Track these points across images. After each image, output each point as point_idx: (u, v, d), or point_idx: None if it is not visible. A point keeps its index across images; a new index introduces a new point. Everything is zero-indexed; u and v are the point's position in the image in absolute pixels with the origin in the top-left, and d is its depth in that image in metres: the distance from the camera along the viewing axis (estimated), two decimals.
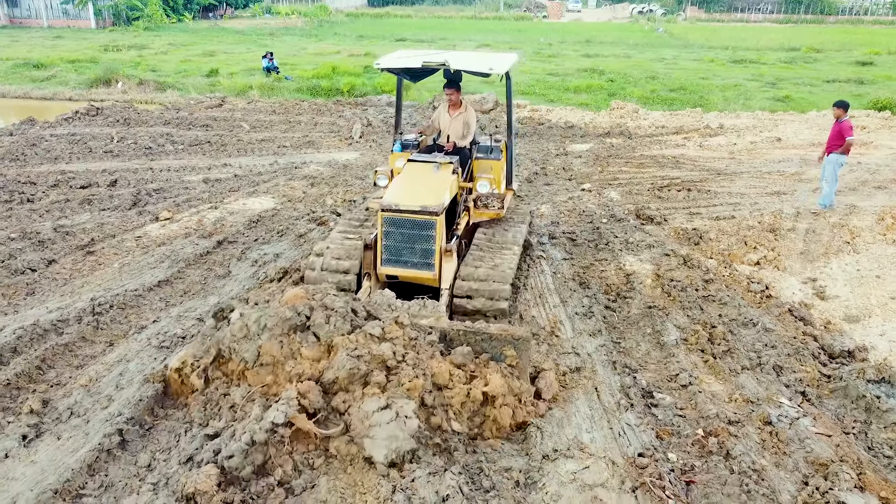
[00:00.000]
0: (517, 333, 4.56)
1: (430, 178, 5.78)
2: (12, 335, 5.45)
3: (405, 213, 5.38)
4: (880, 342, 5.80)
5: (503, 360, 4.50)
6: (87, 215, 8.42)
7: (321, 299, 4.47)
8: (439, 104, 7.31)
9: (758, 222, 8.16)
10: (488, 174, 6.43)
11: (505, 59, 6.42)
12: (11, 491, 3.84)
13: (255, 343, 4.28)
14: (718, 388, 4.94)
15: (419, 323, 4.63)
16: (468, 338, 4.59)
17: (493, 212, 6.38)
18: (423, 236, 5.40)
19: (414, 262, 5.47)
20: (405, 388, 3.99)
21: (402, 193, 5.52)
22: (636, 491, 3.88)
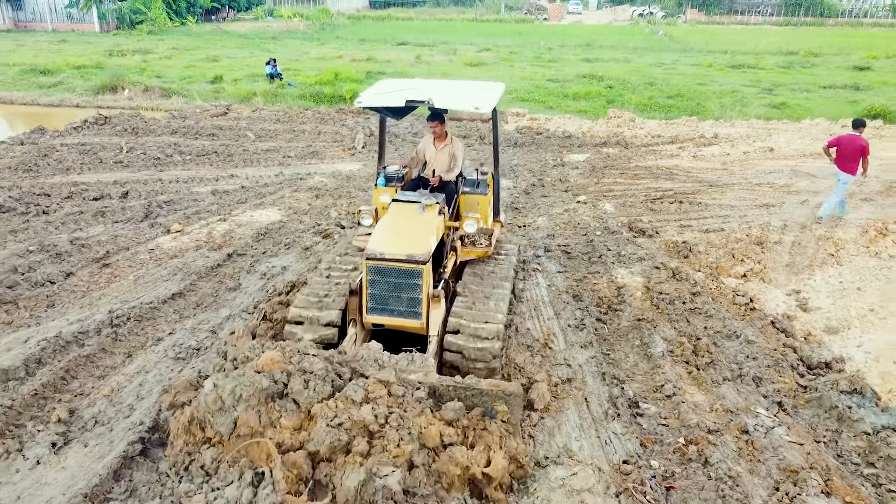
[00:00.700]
0: (508, 389, 4.44)
1: (416, 221, 5.57)
2: (36, 346, 5.79)
3: (391, 262, 5.17)
4: (857, 353, 6.12)
5: (495, 416, 4.37)
6: (101, 227, 8.76)
7: (298, 362, 4.31)
8: (423, 136, 7.11)
9: (746, 235, 8.49)
10: (475, 211, 6.30)
11: (491, 93, 6.22)
12: (45, 495, 4.18)
13: (231, 415, 4.08)
14: (701, 398, 5.27)
15: (407, 378, 4.48)
16: (458, 393, 4.45)
17: (480, 250, 6.21)
18: (410, 285, 5.20)
19: (400, 311, 5.27)
20: (392, 455, 3.84)
21: (387, 240, 5.30)
22: (619, 496, 4.21)
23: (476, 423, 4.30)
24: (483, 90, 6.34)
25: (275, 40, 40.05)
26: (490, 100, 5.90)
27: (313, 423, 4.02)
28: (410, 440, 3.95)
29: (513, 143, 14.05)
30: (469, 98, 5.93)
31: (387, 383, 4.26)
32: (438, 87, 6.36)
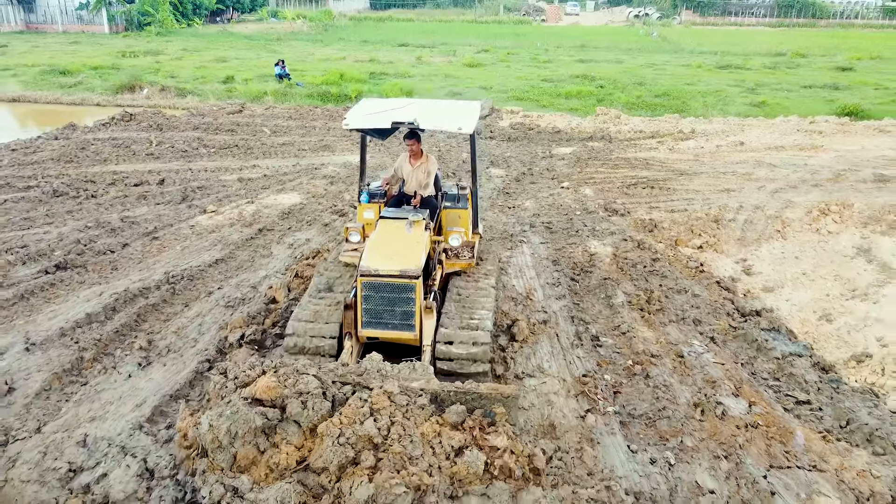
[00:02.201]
0: (506, 392, 4.69)
1: (405, 237, 5.80)
2: (110, 298, 7.11)
3: (385, 278, 5.39)
4: (784, 305, 7.44)
5: (493, 417, 4.61)
6: (145, 208, 10.07)
7: (294, 384, 4.40)
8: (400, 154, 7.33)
9: (705, 214, 9.80)
10: (458, 225, 6.63)
11: (471, 113, 6.51)
12: (140, 396, 5.49)
13: (229, 452, 4.19)
14: (649, 334, 6.57)
15: (410, 386, 4.66)
16: (459, 397, 4.66)
17: (464, 262, 6.46)
18: (404, 299, 5.43)
19: (395, 324, 5.50)
20: (409, 475, 3.99)
21: (379, 257, 5.53)
22: (577, 397, 5.51)
23: (479, 423, 4.50)
24: (464, 110, 6.65)
25: (279, 41, 41.32)
26: (471, 120, 6.21)
27: (319, 440, 4.17)
28: (415, 447, 4.14)
29: (506, 138, 15.36)
30: (452, 119, 6.19)
31: (390, 394, 4.41)
32: (421, 107, 6.51)
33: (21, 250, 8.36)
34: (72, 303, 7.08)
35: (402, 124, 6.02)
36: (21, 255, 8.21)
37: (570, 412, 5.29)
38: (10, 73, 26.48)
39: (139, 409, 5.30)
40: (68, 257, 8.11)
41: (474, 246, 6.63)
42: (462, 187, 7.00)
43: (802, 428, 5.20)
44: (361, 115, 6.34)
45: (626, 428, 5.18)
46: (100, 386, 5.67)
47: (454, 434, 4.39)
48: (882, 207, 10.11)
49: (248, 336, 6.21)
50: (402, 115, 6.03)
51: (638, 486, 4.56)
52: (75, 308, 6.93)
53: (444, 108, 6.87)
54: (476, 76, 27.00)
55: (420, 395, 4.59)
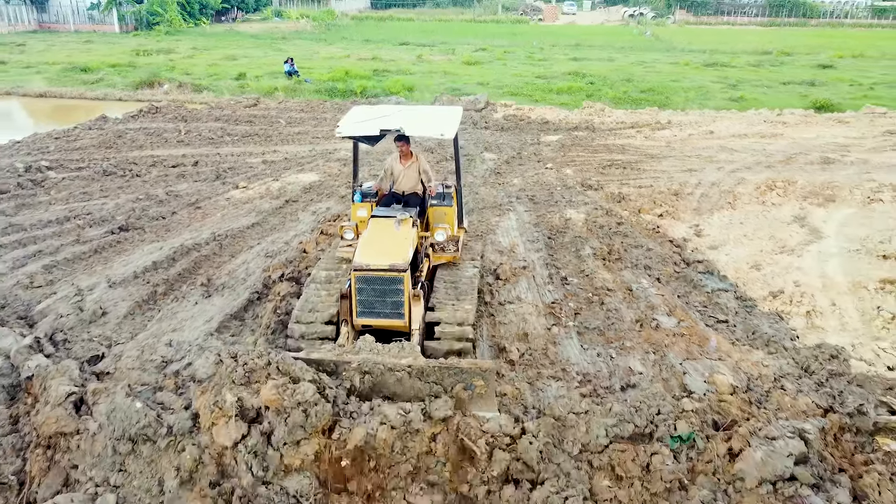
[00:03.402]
0: (485, 366, 5.13)
1: (394, 235, 6.24)
2: (169, 251, 8.71)
3: (375, 272, 5.86)
4: (722, 258, 9.03)
5: (473, 389, 5.09)
6: (185, 185, 11.66)
7: (292, 396, 4.70)
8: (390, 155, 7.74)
9: (667, 189, 11.40)
10: (443, 222, 7.08)
11: (452, 118, 6.97)
12: (207, 315, 7.08)
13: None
14: (608, 276, 8.17)
15: (399, 363, 5.11)
16: (443, 372, 5.10)
17: (449, 255, 6.96)
18: (393, 290, 5.90)
19: (386, 313, 5.97)
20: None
21: (370, 253, 5.99)
22: (546, 316, 7.11)
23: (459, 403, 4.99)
24: (446, 115, 7.13)
25: (285, 40, 42.88)
26: (453, 126, 6.65)
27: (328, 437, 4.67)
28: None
29: (500, 128, 16.96)
30: (435, 125, 6.61)
31: (393, 427, 4.76)
32: (407, 114, 7.06)
33: (87, 217, 9.96)
34: (138, 254, 8.68)
35: (389, 132, 6.46)
36: (88, 220, 9.82)
37: (540, 326, 6.89)
38: (33, 70, 28.07)
39: (208, 324, 6.90)
40: (129, 221, 9.71)
41: (459, 240, 7.12)
42: (447, 186, 7.41)
43: (717, 336, 6.80)
44: (352, 123, 6.72)
45: (582, 336, 6.78)
46: (174, 310, 7.27)
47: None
48: (821, 184, 11.73)
49: (287, 275, 7.80)
50: (389, 123, 6.48)
51: (586, 369, 6.15)
52: (142, 258, 8.54)
53: (427, 114, 7.38)
54: (474, 73, 28.58)
55: (409, 369, 5.13)
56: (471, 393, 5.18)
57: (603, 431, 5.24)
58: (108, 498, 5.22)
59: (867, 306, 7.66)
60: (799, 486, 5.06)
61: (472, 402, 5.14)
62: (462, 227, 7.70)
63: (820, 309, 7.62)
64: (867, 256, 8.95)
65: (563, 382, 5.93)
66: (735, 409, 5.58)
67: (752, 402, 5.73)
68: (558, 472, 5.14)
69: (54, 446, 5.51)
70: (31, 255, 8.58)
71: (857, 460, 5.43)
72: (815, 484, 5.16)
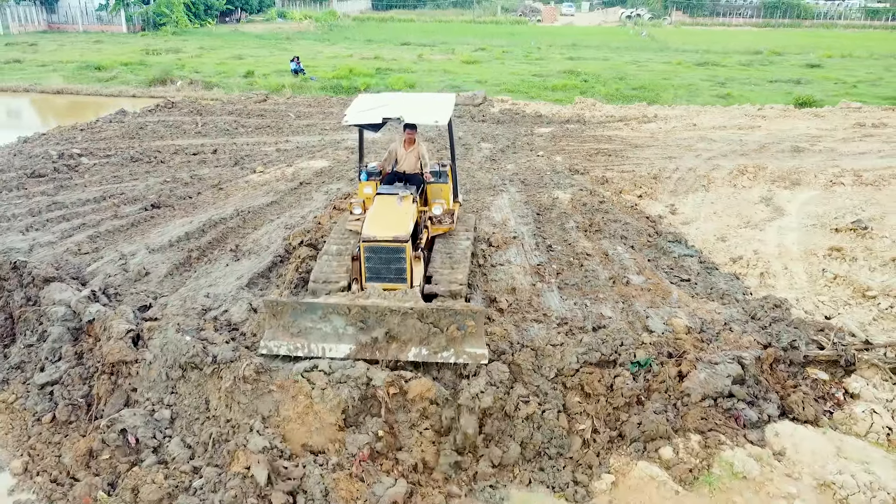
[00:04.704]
0: (475, 309, 5.99)
1: (396, 210, 6.98)
2: (199, 224, 9.78)
3: (381, 243, 6.61)
4: (693, 231, 10.11)
5: (466, 329, 5.93)
6: (207, 169, 12.74)
7: (312, 390, 5.80)
8: (395, 139, 8.48)
9: (647, 173, 12.47)
10: (440, 197, 7.86)
11: (446, 106, 7.83)
12: (238, 274, 8.16)
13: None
14: (588, 244, 9.24)
15: (402, 306, 5.96)
16: (440, 314, 5.95)
17: (445, 227, 7.82)
18: (397, 258, 6.67)
19: (391, 278, 6.71)
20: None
21: (376, 226, 6.73)
22: (532, 275, 8.18)
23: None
24: (440, 103, 7.97)
25: (289, 40, 43.97)
26: (446, 113, 7.52)
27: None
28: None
29: (496, 121, 18.03)
30: (430, 113, 7.42)
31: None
32: (406, 102, 7.91)
33: (121, 196, 11.04)
34: (171, 226, 9.76)
35: (391, 120, 7.28)
36: (122, 199, 10.90)
37: (526, 282, 7.96)
38: (49, 68, 29.14)
39: (239, 280, 7.97)
40: (160, 199, 10.79)
41: (454, 213, 7.99)
42: (443, 165, 8.29)
43: (679, 291, 7.87)
44: (357, 112, 7.49)
45: (562, 290, 7.85)
46: (208, 270, 8.35)
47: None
48: (789, 170, 12.81)
49: (306, 241, 8.87)
50: (390, 112, 7.25)
51: (564, 315, 7.21)
52: (175, 230, 9.61)
53: (424, 102, 8.22)
54: (473, 71, 29.65)
55: (411, 311, 6.00)
56: (463, 332, 6.05)
57: (574, 358, 6.32)
58: (164, 413, 6.31)
59: (814, 269, 8.74)
60: (736, 402, 6.15)
61: (465, 340, 6.15)
62: (457, 202, 8.51)
63: (773, 272, 8.70)
64: (821, 230, 10.03)
65: (543, 325, 6.99)
66: (688, 346, 6.66)
67: (703, 340, 6.81)
68: (538, 391, 6.22)
69: (117, 373, 6.60)
70: (76, 228, 9.65)
71: (787, 384, 6.51)
72: (750, 401, 6.25)
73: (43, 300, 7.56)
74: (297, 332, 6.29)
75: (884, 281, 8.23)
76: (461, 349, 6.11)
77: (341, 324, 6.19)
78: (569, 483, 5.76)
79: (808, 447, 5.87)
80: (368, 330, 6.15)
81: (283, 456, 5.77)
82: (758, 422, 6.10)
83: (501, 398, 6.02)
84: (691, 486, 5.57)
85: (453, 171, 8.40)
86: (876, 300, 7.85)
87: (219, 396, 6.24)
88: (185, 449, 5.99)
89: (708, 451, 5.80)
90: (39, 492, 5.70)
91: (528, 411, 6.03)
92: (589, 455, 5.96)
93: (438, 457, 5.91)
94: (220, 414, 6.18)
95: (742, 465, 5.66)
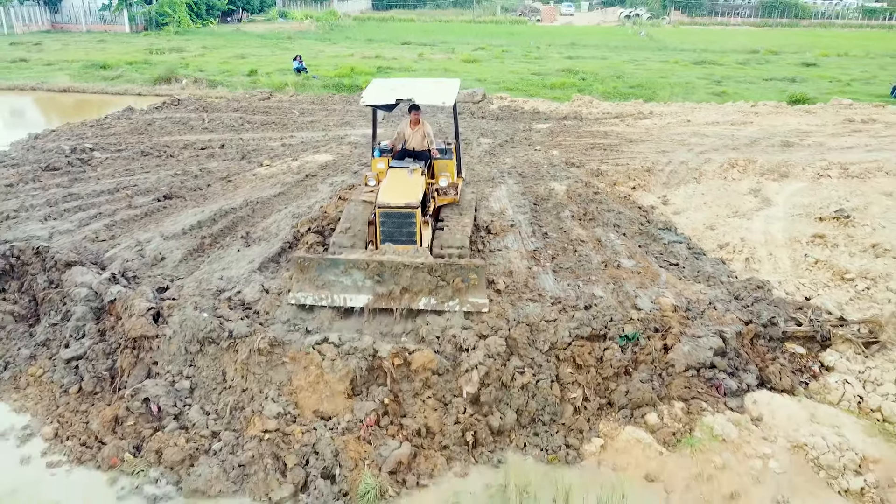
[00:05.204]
0: (477, 263, 6.80)
1: (407, 180, 7.82)
2: (210, 213, 10.23)
3: (394, 208, 7.40)
4: (682, 220, 10.55)
5: (469, 282, 6.70)
6: (216, 163, 13.19)
7: (322, 360, 6.34)
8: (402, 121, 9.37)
9: (641, 166, 12.92)
10: (445, 171, 8.66)
11: (451, 89, 8.50)
12: (250, 258, 8.58)
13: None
14: (582, 232, 9.68)
15: (414, 261, 6.73)
16: (447, 269, 6.75)
17: (450, 197, 8.63)
18: (408, 222, 7.44)
19: (403, 240, 7.42)
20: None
21: (390, 194, 7.54)
22: (528, 259, 8.62)
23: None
24: (446, 87, 8.66)
25: (290, 40, 44.39)
26: (452, 95, 8.27)
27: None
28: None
29: (495, 118, 18.48)
30: (437, 95, 8.21)
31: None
32: (416, 86, 8.67)
33: (133, 188, 11.49)
34: (184, 216, 10.20)
35: (403, 101, 8.17)
36: (135, 190, 11.34)
37: (522, 265, 8.41)
38: (55, 67, 29.56)
39: (251, 264, 8.42)
40: (171, 191, 11.24)
41: (458, 186, 8.84)
42: (448, 143, 9.22)
43: (667, 274, 8.32)
44: (373, 94, 8.45)
45: (556, 273, 8.29)
46: (221, 255, 8.80)
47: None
48: (778, 163, 13.25)
49: (314, 228, 9.32)
50: (402, 94, 8.15)
51: (558, 295, 7.64)
52: (188, 219, 10.05)
53: (432, 86, 8.94)
54: (472, 70, 30.09)
55: (422, 266, 6.78)
56: (467, 284, 6.81)
57: (567, 333, 6.77)
58: (184, 383, 6.75)
59: (797, 255, 9.19)
60: (717, 372, 6.61)
61: (468, 291, 6.81)
62: (460, 177, 9.37)
63: (758, 257, 9.15)
64: (806, 219, 10.48)
65: (538, 304, 7.43)
66: (674, 322, 7.10)
67: (688, 317, 7.25)
68: (533, 363, 6.67)
69: (139, 347, 7.05)
70: (93, 217, 10.09)
71: (766, 357, 6.96)
72: (731, 372, 6.70)
73: (65, 283, 8.00)
74: (321, 285, 7.02)
75: (862, 265, 8.68)
76: (465, 299, 6.86)
77: (360, 277, 6.92)
78: (561, 446, 6.21)
79: (784, 413, 6.32)
80: (384, 283, 6.86)
81: (296, 421, 6.23)
82: (737, 391, 6.55)
83: (499, 369, 6.48)
84: (674, 448, 6.02)
85: (457, 149, 9.19)
86: (854, 282, 8.30)
87: (235, 368, 6.69)
88: (204, 416, 6.44)
89: (690, 416, 6.25)
90: (70, 454, 6.13)
91: (524, 381, 6.48)
92: (580, 421, 6.41)
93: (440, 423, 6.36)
94: (236, 384, 6.63)
95: (721, 429, 6.11)
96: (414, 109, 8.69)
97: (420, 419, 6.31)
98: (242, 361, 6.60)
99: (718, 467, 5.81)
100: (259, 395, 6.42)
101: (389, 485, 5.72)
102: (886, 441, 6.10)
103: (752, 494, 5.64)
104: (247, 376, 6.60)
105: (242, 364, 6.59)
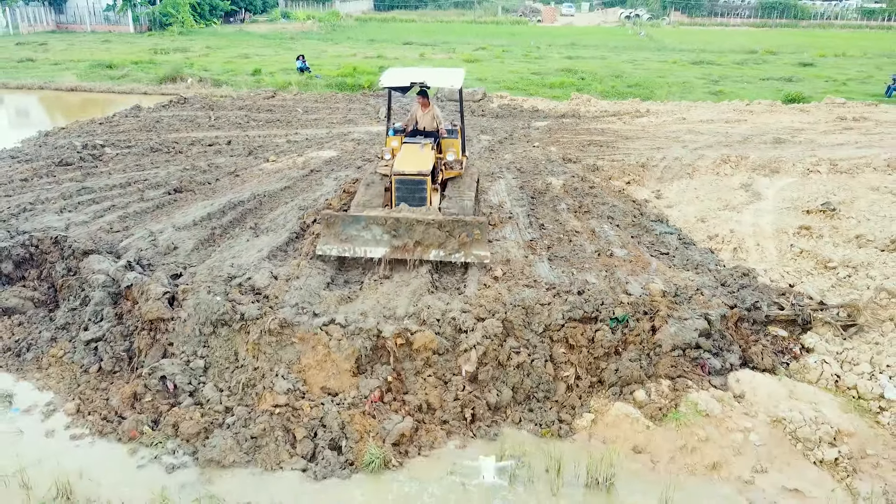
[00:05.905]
0: (480, 220, 8.02)
1: (419, 153, 9.01)
2: (219, 206, 10.61)
3: (408, 176, 8.59)
4: (674, 213, 10.94)
5: (473, 236, 7.84)
6: (223, 158, 13.59)
7: (329, 340, 6.76)
8: (413, 104, 10.73)
9: (635, 161, 13.30)
10: (451, 148, 9.87)
11: (458, 76, 9.79)
12: (259, 247, 8.97)
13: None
14: (577, 224, 10.07)
15: (426, 217, 7.89)
16: (454, 225, 7.84)
17: (455, 171, 9.85)
18: (420, 188, 8.62)
19: (415, 204, 8.50)
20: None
21: (404, 164, 8.75)
22: (525, 249, 9.01)
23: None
24: (453, 74, 10.10)
25: (293, 40, 44.80)
26: (459, 80, 9.63)
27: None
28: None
29: (495, 116, 18.89)
30: (447, 80, 9.90)
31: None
32: (427, 72, 10.31)
33: (144, 182, 11.88)
34: (194, 208, 10.59)
35: (416, 84, 9.49)
36: (146, 184, 11.74)
37: (519, 254, 8.79)
38: (61, 67, 29.98)
39: (260, 252, 8.80)
40: (181, 185, 11.63)
41: (463, 162, 10.11)
42: (454, 124, 10.29)
43: (658, 262, 8.70)
44: (390, 78, 9.79)
45: (552, 261, 8.68)
46: (231, 244, 9.19)
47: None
48: (769, 159, 13.63)
49: (319, 219, 9.70)
50: (416, 78, 9.57)
51: (552, 281, 8.03)
52: (198, 211, 10.44)
53: (441, 72, 10.77)
54: (473, 69, 30.42)
55: (432, 222, 7.88)
56: (471, 239, 7.92)
57: (560, 315, 7.16)
58: (199, 362, 7.15)
59: (784, 245, 9.57)
60: (702, 352, 6.99)
61: (472, 245, 7.96)
62: (465, 155, 10.45)
63: (746, 247, 9.53)
64: (794, 212, 10.85)
65: (534, 289, 7.81)
66: (662, 306, 7.48)
67: (676, 302, 7.63)
68: (528, 343, 7.06)
69: (155, 329, 7.44)
70: (106, 209, 10.48)
71: (749, 339, 7.34)
72: (715, 352, 7.09)
73: (83, 270, 8.39)
74: (344, 239, 8.12)
75: (845, 255, 9.06)
76: (469, 251, 7.97)
77: (379, 232, 8.00)
78: (554, 421, 6.60)
79: (765, 391, 6.70)
80: (399, 236, 7.93)
81: (305, 396, 6.62)
82: (721, 370, 6.93)
83: (496, 349, 6.86)
84: (660, 422, 6.40)
85: (462, 130, 10.28)
86: (836, 271, 8.68)
87: (246, 348, 7.09)
88: (217, 392, 6.83)
89: (676, 393, 6.63)
90: (92, 427, 6.53)
91: (519, 360, 6.87)
92: (572, 398, 6.80)
93: (441, 399, 6.74)
94: (248, 363, 7.02)
95: (705, 404, 6.49)
96: (421, 95, 9.90)
97: (421, 396, 6.70)
98: (254, 342, 6.99)
99: (702, 440, 6.18)
100: (270, 373, 6.80)
101: (392, 455, 6.10)
102: (861, 416, 6.49)
103: (733, 464, 6.02)
104: (258, 356, 6.99)
105: (254, 344, 6.98)
